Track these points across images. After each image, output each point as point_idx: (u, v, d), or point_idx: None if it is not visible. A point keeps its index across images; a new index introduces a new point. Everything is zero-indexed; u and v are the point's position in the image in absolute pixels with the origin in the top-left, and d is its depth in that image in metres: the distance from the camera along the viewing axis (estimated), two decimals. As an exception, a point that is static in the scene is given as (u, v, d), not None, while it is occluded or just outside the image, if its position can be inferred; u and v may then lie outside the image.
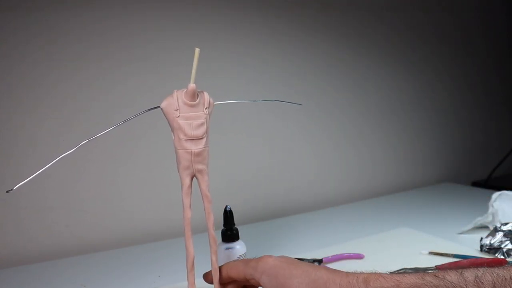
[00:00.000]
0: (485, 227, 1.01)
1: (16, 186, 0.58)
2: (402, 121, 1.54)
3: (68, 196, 1.07)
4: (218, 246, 0.70)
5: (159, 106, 0.60)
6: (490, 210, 1.00)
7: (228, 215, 0.76)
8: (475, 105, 1.69)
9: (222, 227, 0.76)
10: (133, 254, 1.04)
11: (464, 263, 0.86)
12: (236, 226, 0.76)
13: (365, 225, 1.15)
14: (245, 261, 0.61)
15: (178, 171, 0.60)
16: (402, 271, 0.84)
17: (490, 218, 0.99)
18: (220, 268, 0.62)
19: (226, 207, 0.76)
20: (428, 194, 1.47)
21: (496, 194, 1.01)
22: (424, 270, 0.85)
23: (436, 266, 0.85)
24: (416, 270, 0.85)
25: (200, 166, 0.60)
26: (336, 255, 0.91)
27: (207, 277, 0.64)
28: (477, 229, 1.02)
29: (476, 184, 1.62)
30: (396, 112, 1.52)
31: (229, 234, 0.75)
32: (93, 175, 1.10)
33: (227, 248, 0.74)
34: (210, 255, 0.63)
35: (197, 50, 0.55)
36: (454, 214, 1.18)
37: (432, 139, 1.61)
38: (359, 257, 0.91)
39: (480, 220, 1.01)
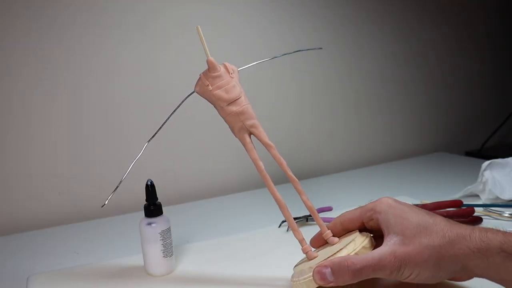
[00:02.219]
0: (475, 195, 1.02)
1: (107, 200, 0.68)
2: (397, 91, 1.53)
3: (61, 164, 1.08)
4: (140, 221, 0.72)
5: (194, 91, 0.65)
6: (481, 179, 1.00)
7: (150, 190, 0.72)
8: (470, 75, 1.68)
9: (145, 202, 0.73)
10: (125, 222, 1.05)
11: (428, 206, 0.90)
12: (159, 201, 0.73)
13: (359, 194, 1.16)
14: (359, 209, 0.64)
15: (236, 137, 0.66)
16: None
17: (480, 187, 1.00)
18: (332, 224, 0.65)
19: (147, 181, 0.73)
20: (422, 163, 1.48)
21: (486, 163, 1.01)
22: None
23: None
24: None
25: (251, 121, 0.64)
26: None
27: (316, 243, 0.66)
28: (467, 197, 1.02)
29: (469, 153, 1.63)
30: (390, 81, 1.51)
31: (152, 208, 0.72)
32: (86, 143, 1.10)
33: (149, 223, 0.71)
34: (301, 196, 0.66)
35: (198, 28, 0.63)
36: (446, 183, 1.19)
37: (426, 108, 1.60)
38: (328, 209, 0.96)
39: (470, 189, 1.02)
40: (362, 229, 0.64)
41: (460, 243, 0.54)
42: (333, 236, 0.65)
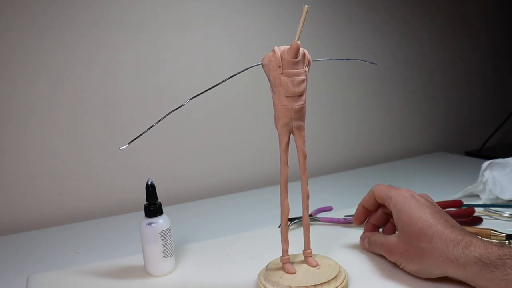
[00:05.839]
0: (475, 195, 1.02)
1: (126, 145, 0.60)
2: (397, 90, 1.53)
3: (61, 163, 1.08)
4: (140, 221, 0.72)
5: (261, 63, 0.60)
6: (481, 179, 1.00)
7: (150, 190, 0.71)
8: (470, 75, 1.68)
9: (145, 202, 0.72)
10: (125, 221, 1.05)
11: None
12: (159, 201, 0.72)
13: (359, 194, 1.16)
14: (388, 189, 0.72)
15: (277, 128, 0.62)
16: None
17: (480, 187, 1.00)
18: (371, 192, 0.76)
19: (148, 181, 0.72)
20: (422, 163, 1.48)
21: (486, 163, 1.01)
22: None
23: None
24: None
25: (298, 123, 0.62)
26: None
27: (358, 220, 0.80)
28: (467, 197, 1.02)
29: (469, 153, 1.63)
30: (391, 81, 1.51)
31: (152, 208, 0.71)
32: (87, 143, 1.10)
33: (149, 223, 0.71)
34: (302, 209, 0.66)
35: (305, 8, 0.56)
36: (446, 183, 1.19)
37: (426, 108, 1.60)
38: (328, 209, 0.96)
39: (470, 189, 1.02)
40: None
41: (441, 251, 0.59)
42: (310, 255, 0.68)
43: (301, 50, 0.59)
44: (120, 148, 0.61)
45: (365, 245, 0.75)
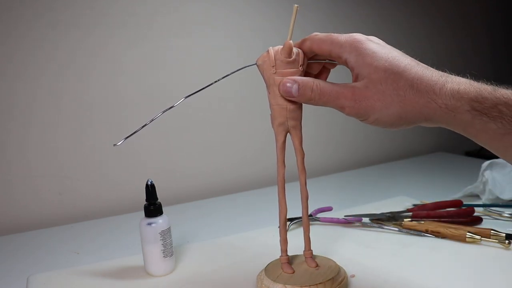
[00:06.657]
0: (475, 195, 1.02)
1: (122, 140, 0.61)
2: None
3: (61, 163, 1.08)
4: (140, 221, 0.72)
5: (255, 63, 0.61)
6: (481, 179, 1.00)
7: (150, 190, 0.72)
8: (470, 74, 1.68)
9: (145, 202, 0.72)
10: (125, 221, 1.05)
11: (428, 206, 0.93)
12: (159, 201, 0.73)
13: (359, 194, 1.16)
14: (331, 37, 0.59)
15: (273, 127, 0.62)
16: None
17: (480, 187, 1.00)
18: (302, 41, 0.61)
19: (147, 181, 0.72)
20: (422, 163, 1.48)
21: (486, 163, 1.01)
22: (398, 213, 0.92)
23: (407, 209, 0.94)
24: (392, 214, 0.92)
25: (294, 122, 0.62)
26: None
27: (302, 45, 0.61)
28: (467, 197, 1.02)
29: (469, 153, 1.63)
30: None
31: (152, 208, 0.72)
32: (87, 143, 1.10)
33: (149, 223, 0.71)
34: (302, 209, 0.66)
35: (295, 7, 0.56)
36: (446, 183, 1.19)
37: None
38: (328, 209, 0.96)
39: (470, 189, 1.02)
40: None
41: (428, 97, 0.51)
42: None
43: (296, 49, 0.59)
44: (114, 144, 0.61)
45: (292, 92, 0.58)
